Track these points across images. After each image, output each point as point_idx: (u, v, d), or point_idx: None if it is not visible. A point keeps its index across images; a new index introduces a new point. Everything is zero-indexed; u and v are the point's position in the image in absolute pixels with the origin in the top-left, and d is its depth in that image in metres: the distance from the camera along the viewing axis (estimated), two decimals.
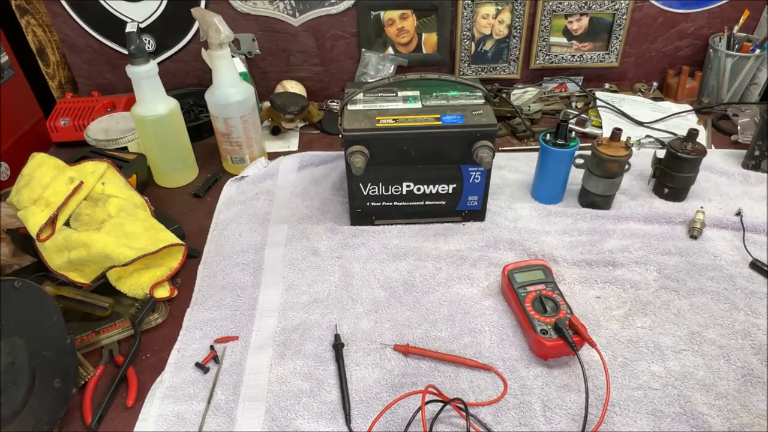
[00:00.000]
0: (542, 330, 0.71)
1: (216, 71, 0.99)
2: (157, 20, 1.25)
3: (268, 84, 1.33)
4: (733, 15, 1.26)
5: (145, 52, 0.94)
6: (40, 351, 0.63)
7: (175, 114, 1.02)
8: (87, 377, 0.71)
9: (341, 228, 0.94)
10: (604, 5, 1.24)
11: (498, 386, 0.69)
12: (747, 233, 0.90)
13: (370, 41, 1.28)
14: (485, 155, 0.83)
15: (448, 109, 0.87)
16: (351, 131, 0.84)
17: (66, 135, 1.19)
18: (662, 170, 0.97)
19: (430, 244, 0.91)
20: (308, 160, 1.12)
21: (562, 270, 0.85)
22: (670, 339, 0.74)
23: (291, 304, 0.81)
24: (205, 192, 1.06)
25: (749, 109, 1.21)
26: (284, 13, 1.24)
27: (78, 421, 0.67)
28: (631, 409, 0.66)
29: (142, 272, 0.82)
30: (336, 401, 0.68)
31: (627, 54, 1.32)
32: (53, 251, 0.80)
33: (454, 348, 0.74)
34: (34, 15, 1.25)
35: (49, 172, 0.83)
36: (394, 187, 0.90)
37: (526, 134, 1.18)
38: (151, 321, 0.79)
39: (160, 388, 0.70)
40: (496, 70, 1.32)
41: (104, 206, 0.84)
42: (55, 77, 1.33)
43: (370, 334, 0.76)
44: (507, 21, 1.26)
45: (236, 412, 0.67)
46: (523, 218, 0.96)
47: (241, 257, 0.89)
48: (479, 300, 0.81)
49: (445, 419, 0.65)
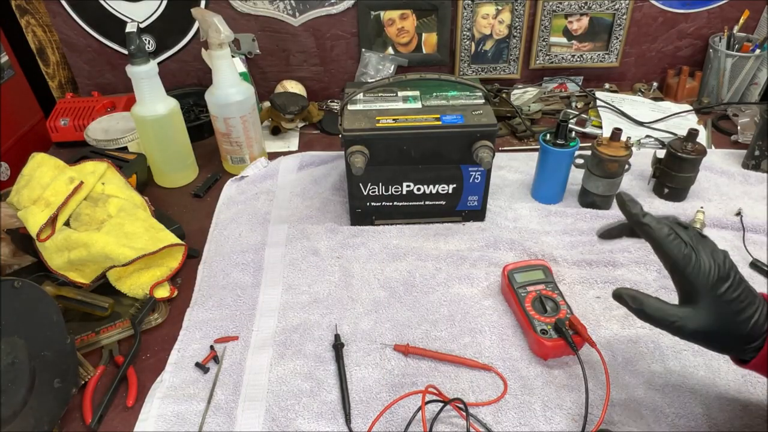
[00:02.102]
0: (542, 330, 0.71)
1: (216, 71, 0.99)
2: (157, 20, 1.25)
3: (268, 84, 1.33)
4: (733, 15, 1.26)
5: (145, 52, 0.94)
6: (40, 351, 0.63)
7: (175, 114, 1.02)
8: (87, 377, 0.71)
9: (341, 228, 0.94)
10: (604, 5, 1.24)
11: (498, 386, 0.69)
12: (747, 233, 0.90)
13: (370, 41, 1.28)
14: (485, 155, 0.83)
15: (448, 109, 0.87)
16: (351, 131, 0.84)
17: (66, 135, 1.19)
18: (662, 170, 0.97)
19: (430, 244, 0.91)
20: (308, 160, 1.12)
21: (562, 270, 0.85)
22: (670, 339, 0.73)
23: (291, 304, 0.81)
24: (205, 192, 1.06)
25: (749, 109, 1.21)
26: (284, 13, 1.24)
27: (78, 421, 0.67)
28: (631, 409, 0.66)
29: (142, 272, 0.82)
30: (336, 401, 0.68)
31: (627, 54, 1.32)
32: (53, 251, 0.80)
33: (454, 348, 0.74)
34: (34, 15, 1.25)
35: (49, 172, 0.83)
36: (394, 187, 0.90)
37: (526, 134, 1.18)
38: (151, 321, 0.79)
39: (160, 388, 0.70)
40: (496, 70, 1.32)
41: (104, 206, 0.84)
42: (55, 77, 1.33)
43: (370, 334, 0.76)
44: (507, 21, 1.26)
45: (236, 412, 0.67)
46: (523, 218, 0.96)
47: (241, 257, 0.89)
48: (479, 300, 0.81)
49: (445, 419, 0.65)
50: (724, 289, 0.52)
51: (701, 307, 0.53)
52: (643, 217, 0.55)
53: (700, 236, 0.55)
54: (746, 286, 0.53)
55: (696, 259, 0.53)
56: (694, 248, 0.53)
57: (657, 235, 0.54)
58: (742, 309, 0.53)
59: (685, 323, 0.53)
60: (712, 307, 0.53)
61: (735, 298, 0.52)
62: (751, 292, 0.54)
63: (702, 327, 0.53)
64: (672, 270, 0.55)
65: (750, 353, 0.54)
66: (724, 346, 0.56)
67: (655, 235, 0.55)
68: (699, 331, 0.53)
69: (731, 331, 0.53)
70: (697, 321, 0.53)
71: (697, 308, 0.53)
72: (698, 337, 0.54)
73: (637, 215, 0.56)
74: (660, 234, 0.54)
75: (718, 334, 0.53)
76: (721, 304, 0.52)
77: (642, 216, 0.55)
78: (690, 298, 0.54)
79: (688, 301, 0.54)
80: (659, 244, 0.55)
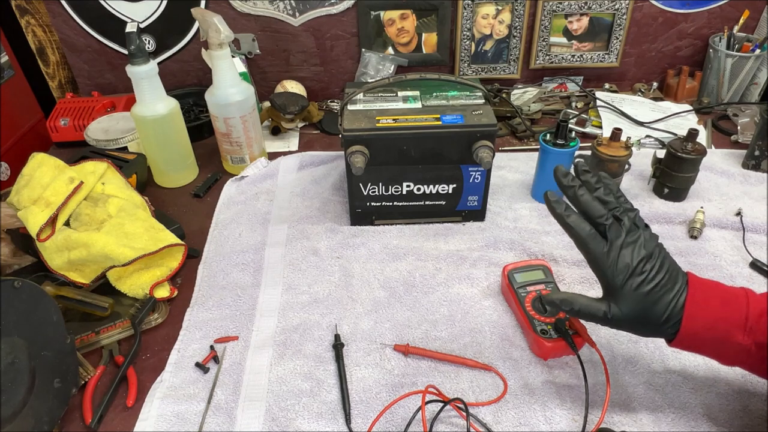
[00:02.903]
0: (542, 330, 0.71)
1: (216, 71, 0.99)
2: (157, 20, 1.25)
3: (268, 84, 1.33)
4: (733, 15, 1.26)
5: (145, 52, 0.94)
6: (40, 351, 0.63)
7: (175, 114, 1.02)
8: (87, 377, 0.71)
9: (341, 228, 0.95)
10: (604, 5, 1.24)
11: (498, 386, 0.69)
12: (747, 233, 0.90)
13: (370, 41, 1.28)
14: (485, 155, 0.83)
15: (448, 109, 0.87)
16: (351, 131, 0.84)
17: (66, 135, 1.19)
18: (662, 170, 0.97)
19: (430, 244, 0.91)
20: (308, 160, 1.12)
21: (562, 270, 0.85)
22: None
23: (291, 304, 0.81)
24: (205, 192, 1.06)
25: (749, 109, 1.21)
26: (284, 13, 1.24)
27: (78, 421, 0.67)
28: (631, 409, 0.66)
29: (142, 272, 0.82)
30: (336, 401, 0.68)
31: (627, 54, 1.32)
32: (53, 251, 0.80)
33: (454, 348, 0.74)
34: (34, 15, 1.25)
35: (49, 172, 0.83)
36: (394, 187, 0.90)
37: (526, 134, 1.18)
38: (151, 321, 0.79)
39: (160, 388, 0.70)
40: (496, 70, 1.32)
41: (104, 206, 0.84)
42: (55, 77, 1.33)
43: (370, 334, 0.76)
44: (507, 21, 1.26)
45: (236, 412, 0.67)
46: (523, 218, 0.96)
47: (241, 257, 0.89)
48: (479, 300, 0.81)
49: (445, 419, 0.65)
50: (638, 283, 0.57)
51: (620, 299, 0.58)
52: (567, 217, 0.59)
53: (634, 226, 0.59)
54: (666, 275, 0.57)
55: (612, 257, 0.57)
56: (612, 245, 0.58)
57: (579, 233, 0.58)
58: (658, 299, 0.57)
59: (610, 315, 0.58)
60: (629, 300, 0.57)
61: (650, 290, 0.57)
62: (671, 278, 0.57)
63: (624, 317, 0.58)
64: (592, 266, 0.60)
65: (670, 334, 0.59)
66: (649, 331, 0.60)
67: (577, 233, 0.59)
68: (623, 320, 0.58)
69: (650, 318, 0.57)
70: (618, 312, 0.58)
71: (617, 301, 0.58)
72: (623, 326, 0.59)
73: (561, 216, 0.59)
74: (582, 233, 0.58)
75: (638, 322, 0.58)
76: (636, 296, 0.57)
77: (566, 216, 0.59)
78: (610, 292, 0.59)
79: (609, 295, 0.59)
80: (581, 242, 0.59)
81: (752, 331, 0.55)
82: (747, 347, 0.56)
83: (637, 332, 0.60)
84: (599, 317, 0.59)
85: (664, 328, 0.58)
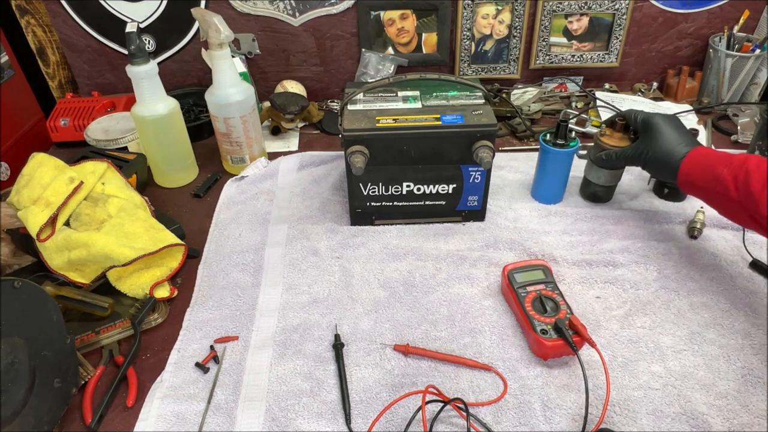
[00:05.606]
0: (542, 330, 0.71)
1: (216, 71, 0.99)
2: (157, 20, 1.25)
3: (268, 84, 1.33)
4: (733, 15, 1.26)
5: (145, 52, 0.94)
6: (40, 351, 0.63)
7: (175, 114, 1.02)
8: (87, 377, 0.71)
9: (341, 228, 0.95)
10: (604, 5, 1.24)
11: (498, 386, 0.69)
12: (747, 233, 0.90)
13: (370, 41, 1.28)
14: (485, 155, 0.83)
15: (448, 109, 0.87)
16: (351, 131, 0.84)
17: (66, 135, 1.19)
18: None
19: (430, 244, 0.91)
20: (308, 160, 1.12)
21: (562, 270, 0.85)
22: (670, 339, 0.74)
23: (291, 304, 0.81)
24: (205, 192, 1.06)
25: (749, 109, 1.21)
26: (284, 13, 1.24)
27: (78, 421, 0.67)
28: (631, 409, 0.66)
29: (142, 272, 0.82)
30: (336, 401, 0.68)
31: (627, 54, 1.32)
32: (53, 251, 0.80)
33: (454, 348, 0.74)
34: (34, 15, 1.25)
35: (49, 172, 0.83)
36: (394, 187, 0.90)
37: (526, 134, 1.18)
38: (151, 321, 0.79)
39: (160, 388, 0.70)
40: (496, 70, 1.32)
41: (104, 206, 0.84)
42: (55, 77, 1.33)
43: (370, 334, 0.76)
44: (507, 21, 1.26)
45: (236, 412, 0.67)
46: (523, 218, 0.96)
47: (241, 257, 0.89)
48: (479, 300, 0.81)
49: (445, 419, 0.65)
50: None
51: (649, 137, 0.82)
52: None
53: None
54: (692, 138, 0.80)
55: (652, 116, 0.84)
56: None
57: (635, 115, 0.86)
58: (679, 145, 0.79)
59: (638, 152, 0.82)
60: (659, 134, 0.81)
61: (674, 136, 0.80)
62: (693, 141, 0.79)
63: (652, 151, 0.80)
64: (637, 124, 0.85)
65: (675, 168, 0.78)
66: (665, 166, 0.79)
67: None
68: (650, 156, 0.81)
69: (672, 151, 0.79)
70: (644, 147, 0.82)
71: (643, 139, 0.83)
72: (650, 161, 0.81)
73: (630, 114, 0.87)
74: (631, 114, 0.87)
75: (660, 156, 0.80)
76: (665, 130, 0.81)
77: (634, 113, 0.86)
78: (645, 130, 0.83)
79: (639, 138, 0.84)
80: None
81: (731, 164, 0.71)
82: (725, 180, 0.71)
83: (656, 168, 0.82)
84: (630, 156, 0.84)
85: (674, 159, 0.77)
